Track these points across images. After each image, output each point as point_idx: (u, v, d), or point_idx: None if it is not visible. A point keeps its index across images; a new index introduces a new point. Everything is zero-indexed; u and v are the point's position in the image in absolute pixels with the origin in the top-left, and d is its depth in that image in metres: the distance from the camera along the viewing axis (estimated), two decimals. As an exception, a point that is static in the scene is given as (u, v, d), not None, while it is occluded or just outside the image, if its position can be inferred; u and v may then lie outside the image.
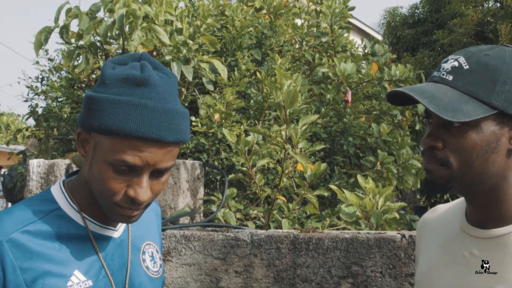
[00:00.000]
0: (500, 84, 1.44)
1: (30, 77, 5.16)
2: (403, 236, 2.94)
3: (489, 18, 18.95)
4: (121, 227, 1.73)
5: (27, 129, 5.30)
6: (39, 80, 5.08)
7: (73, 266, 1.55)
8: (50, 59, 5.05)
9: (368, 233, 3.01)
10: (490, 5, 20.22)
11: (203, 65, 4.20)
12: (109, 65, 1.54)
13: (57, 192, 1.64)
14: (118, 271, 1.68)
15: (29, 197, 1.66)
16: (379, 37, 21.55)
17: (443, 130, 1.49)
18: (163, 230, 3.23)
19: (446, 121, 1.47)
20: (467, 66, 1.47)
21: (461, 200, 1.73)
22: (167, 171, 1.57)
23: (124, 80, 1.49)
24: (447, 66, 1.50)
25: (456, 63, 1.49)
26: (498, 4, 19.54)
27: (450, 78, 1.48)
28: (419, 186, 4.75)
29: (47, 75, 5.07)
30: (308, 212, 3.88)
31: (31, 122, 5.32)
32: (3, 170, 13.48)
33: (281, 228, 3.54)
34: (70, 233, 1.58)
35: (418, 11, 22.71)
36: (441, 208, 1.83)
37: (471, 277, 1.52)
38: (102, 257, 1.63)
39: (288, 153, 3.63)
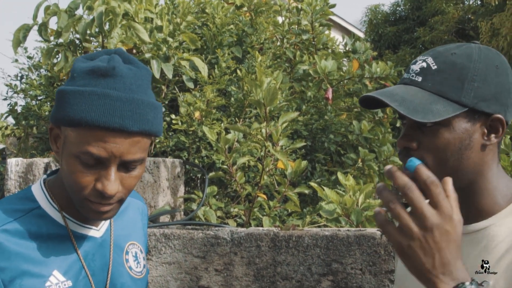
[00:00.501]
0: (468, 82, 1.45)
1: (9, 75, 5.13)
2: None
3: (469, 16, 19.08)
4: (103, 226, 1.70)
5: (6, 128, 5.26)
6: (18, 78, 5.05)
7: (52, 266, 1.53)
8: (29, 57, 5.02)
9: (348, 230, 3.02)
10: (470, 2, 20.36)
11: (183, 62, 4.19)
12: (80, 60, 1.53)
13: (38, 191, 1.62)
14: (99, 272, 1.65)
15: (9, 196, 1.64)
16: (361, 35, 21.61)
17: (416, 130, 1.51)
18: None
19: (419, 122, 1.48)
20: (435, 66, 1.49)
21: None
22: (138, 164, 1.53)
23: (90, 72, 1.47)
24: (415, 67, 1.52)
25: (424, 64, 1.51)
26: (479, 2, 19.67)
27: (419, 79, 1.50)
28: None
29: (26, 73, 5.03)
30: (289, 210, 3.88)
31: (10, 120, 5.27)
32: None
33: (262, 226, 3.54)
34: (50, 232, 1.55)
35: (400, 9, 22.82)
36: None
37: None
38: (82, 257, 1.60)
39: (269, 151, 3.63)
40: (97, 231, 1.67)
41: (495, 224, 1.51)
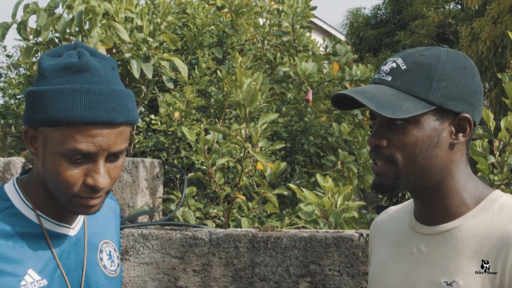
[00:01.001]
0: (436, 81, 1.50)
1: (-13, 74, 5.09)
2: (361, 235, 2.95)
3: (450, 20, 19.25)
4: (77, 225, 1.69)
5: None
6: (-2, 77, 5.01)
7: (27, 265, 1.52)
8: (8, 56, 4.98)
9: (326, 232, 3.02)
10: (451, 7, 20.54)
11: (163, 63, 4.18)
12: (45, 58, 1.52)
13: (11, 190, 1.60)
14: (74, 270, 1.64)
15: None
16: (342, 38, 21.71)
17: (386, 128, 1.55)
18: (121, 229, 3.20)
19: (389, 120, 1.54)
20: (404, 66, 1.53)
21: (411, 200, 1.78)
22: (122, 154, 1.55)
23: (64, 69, 1.47)
24: (386, 68, 1.57)
25: (394, 64, 1.56)
26: (459, 6, 19.84)
27: (389, 78, 1.54)
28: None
29: (5, 71, 4.99)
30: (268, 211, 3.88)
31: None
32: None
33: (241, 227, 3.54)
34: (24, 231, 1.54)
35: (381, 12, 22.97)
36: (392, 209, 1.89)
37: (418, 273, 1.57)
38: (57, 256, 1.59)
39: (248, 152, 3.63)
40: (71, 229, 1.66)
41: (463, 224, 1.55)
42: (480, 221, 1.53)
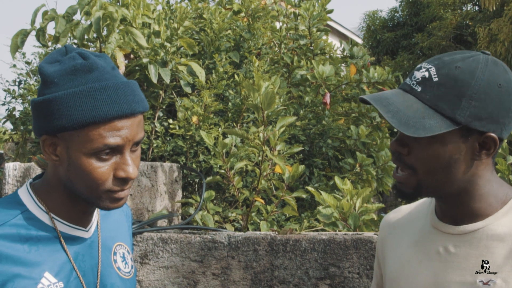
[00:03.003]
0: (466, 100, 1.45)
1: (7, 81, 5.13)
2: (380, 237, 2.94)
3: (467, 21, 19.13)
4: (92, 227, 1.71)
5: (4, 133, 5.26)
6: (16, 83, 5.05)
7: (43, 268, 1.53)
8: (27, 62, 5.02)
9: (345, 234, 3.02)
10: (468, 8, 20.42)
11: (180, 67, 4.19)
12: (46, 66, 1.54)
13: (25, 194, 1.62)
14: (89, 272, 1.66)
15: None
16: (359, 41, 21.68)
17: (410, 137, 1.53)
18: (141, 232, 3.21)
19: None
20: (436, 79, 1.49)
21: (425, 199, 1.78)
22: (140, 143, 1.60)
23: (73, 72, 1.50)
24: (418, 75, 1.53)
25: (426, 74, 1.51)
26: (477, 8, 19.72)
27: (419, 89, 1.51)
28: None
29: (25, 78, 5.03)
30: (287, 215, 3.88)
31: (9, 126, 5.27)
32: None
33: (259, 231, 3.54)
34: (39, 234, 1.56)
35: (398, 15, 22.88)
36: (405, 208, 1.87)
37: (448, 273, 1.56)
38: (72, 258, 1.61)
39: (266, 155, 3.63)
40: (85, 232, 1.68)
41: (492, 224, 1.54)
42: (510, 220, 1.52)
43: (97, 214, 1.76)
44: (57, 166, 1.57)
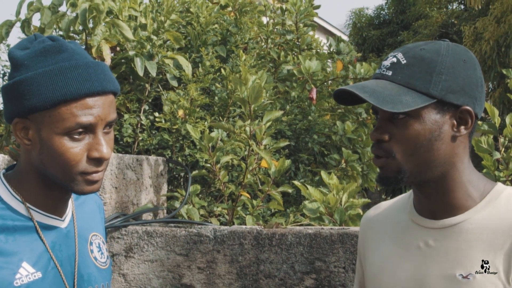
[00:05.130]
0: (436, 75, 1.51)
1: (-10, 72, 5.08)
2: (366, 231, 2.95)
3: (453, 20, 19.26)
4: (67, 217, 1.69)
5: (-13, 126, 5.21)
6: (1, 75, 5.01)
7: (20, 258, 1.51)
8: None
9: (331, 228, 3.01)
10: (454, 7, 20.56)
11: (167, 61, 4.18)
12: (16, 51, 1.54)
13: None
14: (66, 262, 1.64)
15: None
16: (345, 38, 21.71)
17: (388, 123, 1.56)
18: (126, 226, 3.20)
19: (391, 115, 1.54)
20: (405, 61, 1.54)
21: (404, 195, 1.81)
22: (113, 124, 1.59)
23: (43, 53, 1.50)
24: (386, 63, 1.58)
25: (394, 59, 1.56)
26: (462, 6, 19.84)
27: (390, 73, 1.55)
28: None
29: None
30: (272, 210, 3.88)
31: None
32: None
33: (245, 225, 3.53)
34: (15, 224, 1.54)
35: (384, 12, 22.99)
36: (384, 204, 1.89)
37: (428, 267, 1.57)
38: (50, 248, 1.59)
39: (253, 150, 3.62)
40: (62, 221, 1.66)
41: (472, 217, 1.55)
42: (489, 214, 1.53)
43: (71, 204, 1.74)
44: (29, 151, 1.54)
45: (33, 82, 1.46)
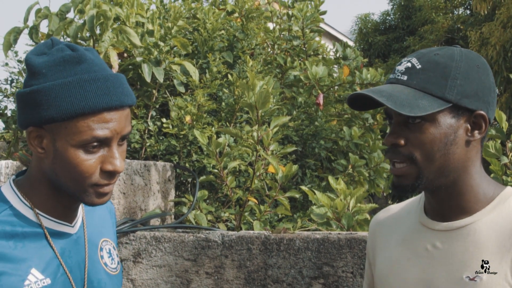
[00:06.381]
0: (451, 79, 1.52)
1: (-1, 79, 5.10)
2: (374, 236, 2.94)
3: (459, 25, 19.23)
4: (77, 223, 1.69)
5: (-5, 132, 5.24)
6: (8, 82, 5.03)
7: (29, 264, 1.51)
8: (20, 61, 5.00)
9: (339, 233, 3.01)
10: (460, 12, 20.52)
11: (174, 67, 4.19)
12: (33, 57, 1.52)
13: (8, 191, 1.59)
14: (76, 268, 1.64)
15: None
16: (351, 44, 21.70)
17: (403, 127, 1.57)
18: (134, 231, 3.20)
19: (406, 119, 1.55)
20: (420, 66, 1.56)
21: (414, 198, 1.81)
22: (127, 137, 1.59)
23: (62, 63, 1.49)
24: (401, 68, 1.59)
25: (409, 64, 1.58)
26: (468, 11, 19.81)
27: (405, 78, 1.56)
28: (390, 191, 4.77)
29: (17, 77, 5.01)
30: (279, 215, 3.88)
31: (0, 124, 5.25)
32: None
33: (252, 230, 3.53)
34: (24, 231, 1.53)
35: (390, 18, 22.97)
36: (394, 207, 1.90)
37: (436, 269, 1.57)
38: (59, 254, 1.59)
39: (260, 155, 3.63)
40: (71, 227, 1.66)
41: (480, 220, 1.56)
42: (497, 216, 1.54)
43: (81, 210, 1.74)
44: (42, 159, 1.54)
45: (51, 92, 1.45)
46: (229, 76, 4.43)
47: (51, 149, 1.51)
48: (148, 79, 3.97)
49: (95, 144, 1.49)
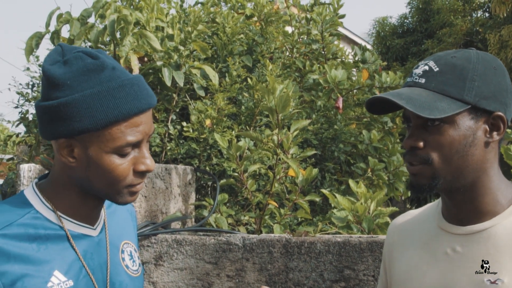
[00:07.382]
0: (469, 81, 1.53)
1: (20, 84, 5.15)
2: (395, 239, 2.94)
3: (478, 28, 19.12)
4: (99, 226, 1.71)
5: (17, 136, 5.28)
6: (30, 86, 5.07)
7: (52, 267, 1.53)
8: (41, 66, 5.04)
9: (360, 237, 3.01)
10: (478, 15, 20.41)
11: (194, 71, 4.21)
12: (52, 68, 1.52)
13: (31, 194, 1.61)
14: (98, 270, 1.66)
15: (2, 201, 1.63)
16: (369, 47, 21.65)
17: (422, 130, 1.58)
18: (155, 234, 3.22)
19: (425, 121, 1.56)
20: (437, 68, 1.57)
21: (432, 203, 1.81)
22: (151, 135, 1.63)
23: (86, 72, 1.50)
24: (418, 71, 1.61)
25: (426, 67, 1.59)
26: (487, 14, 19.70)
27: (423, 80, 1.58)
28: (409, 194, 4.76)
29: (38, 81, 5.05)
30: (299, 219, 3.88)
31: (22, 128, 5.30)
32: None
33: (273, 234, 3.54)
34: (47, 233, 1.55)
35: (407, 21, 22.88)
36: (412, 212, 1.90)
37: (456, 273, 1.57)
38: (81, 256, 1.61)
39: (280, 158, 3.63)
40: (93, 230, 1.68)
41: (500, 223, 1.56)
42: None
43: (103, 212, 1.77)
44: (72, 167, 1.56)
45: (82, 104, 1.46)
46: (249, 80, 4.44)
47: (83, 157, 1.53)
48: (168, 83, 3.99)
49: (128, 148, 1.52)
